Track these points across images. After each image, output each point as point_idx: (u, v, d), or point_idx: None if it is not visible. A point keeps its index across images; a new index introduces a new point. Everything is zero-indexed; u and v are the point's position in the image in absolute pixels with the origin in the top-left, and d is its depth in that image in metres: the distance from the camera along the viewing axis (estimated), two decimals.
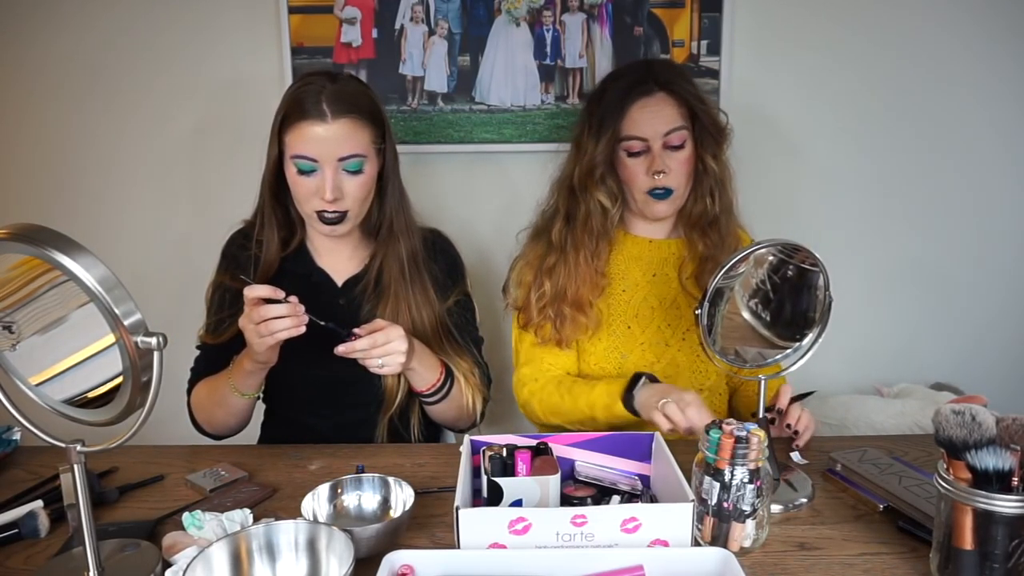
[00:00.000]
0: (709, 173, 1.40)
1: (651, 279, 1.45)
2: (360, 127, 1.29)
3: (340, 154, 1.27)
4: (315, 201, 1.29)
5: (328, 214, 1.30)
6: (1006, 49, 1.85)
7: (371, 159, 1.32)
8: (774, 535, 1.03)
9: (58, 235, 0.79)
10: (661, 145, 1.36)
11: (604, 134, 1.38)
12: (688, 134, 1.37)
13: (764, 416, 1.16)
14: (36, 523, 1.06)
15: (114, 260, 0.83)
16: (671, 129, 1.35)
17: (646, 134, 1.36)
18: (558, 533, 0.92)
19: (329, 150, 1.26)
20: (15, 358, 0.87)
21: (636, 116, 1.36)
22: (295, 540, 0.92)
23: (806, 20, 1.84)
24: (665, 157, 1.36)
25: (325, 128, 1.26)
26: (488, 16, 1.83)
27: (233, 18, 1.86)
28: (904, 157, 1.91)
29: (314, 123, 1.26)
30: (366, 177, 1.32)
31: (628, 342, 1.43)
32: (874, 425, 1.73)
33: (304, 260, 1.42)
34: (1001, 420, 0.86)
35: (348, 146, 1.27)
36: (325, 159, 1.27)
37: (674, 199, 1.39)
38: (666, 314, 1.43)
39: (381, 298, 1.39)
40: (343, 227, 1.33)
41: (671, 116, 1.36)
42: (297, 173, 1.29)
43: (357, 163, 1.29)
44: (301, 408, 1.44)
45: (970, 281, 1.97)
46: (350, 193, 1.30)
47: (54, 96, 1.92)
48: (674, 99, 1.36)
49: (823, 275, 1.11)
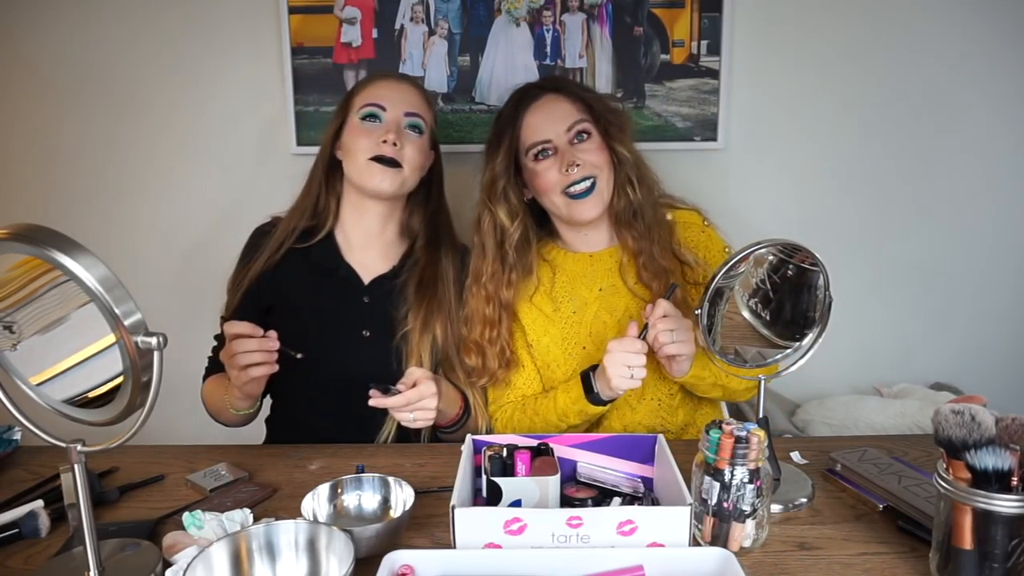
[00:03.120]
0: (623, 162, 1.36)
1: (599, 293, 1.41)
2: (424, 100, 1.41)
3: (407, 108, 1.37)
4: (373, 147, 1.33)
5: (386, 159, 1.33)
6: (1007, 50, 1.85)
7: (428, 134, 1.40)
8: (774, 535, 1.03)
9: (58, 235, 0.79)
10: (567, 141, 1.34)
11: (502, 145, 1.37)
12: (591, 125, 1.36)
13: (764, 416, 1.16)
14: (37, 523, 1.06)
15: (114, 260, 0.83)
16: (571, 123, 1.34)
17: (548, 135, 1.34)
18: (554, 534, 0.92)
19: (398, 100, 1.37)
20: (16, 358, 0.87)
21: (532, 121, 1.36)
22: (295, 540, 0.92)
23: (806, 20, 1.84)
24: (575, 151, 1.33)
25: (397, 83, 1.40)
26: (488, 16, 1.83)
27: (233, 18, 1.86)
28: (904, 157, 1.91)
29: (387, 80, 1.41)
30: (423, 144, 1.39)
31: (586, 362, 1.37)
32: (874, 425, 1.73)
33: (331, 254, 1.42)
34: (1000, 420, 0.86)
35: (414, 103, 1.38)
36: (392, 107, 1.36)
37: (597, 194, 1.34)
38: (619, 325, 1.39)
39: (419, 303, 1.38)
40: (394, 179, 1.35)
41: (567, 111, 1.35)
42: (360, 121, 1.36)
43: (419, 123, 1.37)
44: (307, 407, 1.43)
45: (970, 281, 1.97)
46: (407, 151, 1.34)
47: (53, 96, 1.92)
48: (565, 96, 1.37)
49: (823, 275, 1.11)
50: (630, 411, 1.40)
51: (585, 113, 1.36)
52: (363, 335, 1.39)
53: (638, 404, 1.40)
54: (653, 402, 1.40)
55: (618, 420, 1.41)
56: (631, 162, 1.37)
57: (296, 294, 1.40)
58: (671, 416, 1.41)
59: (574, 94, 1.38)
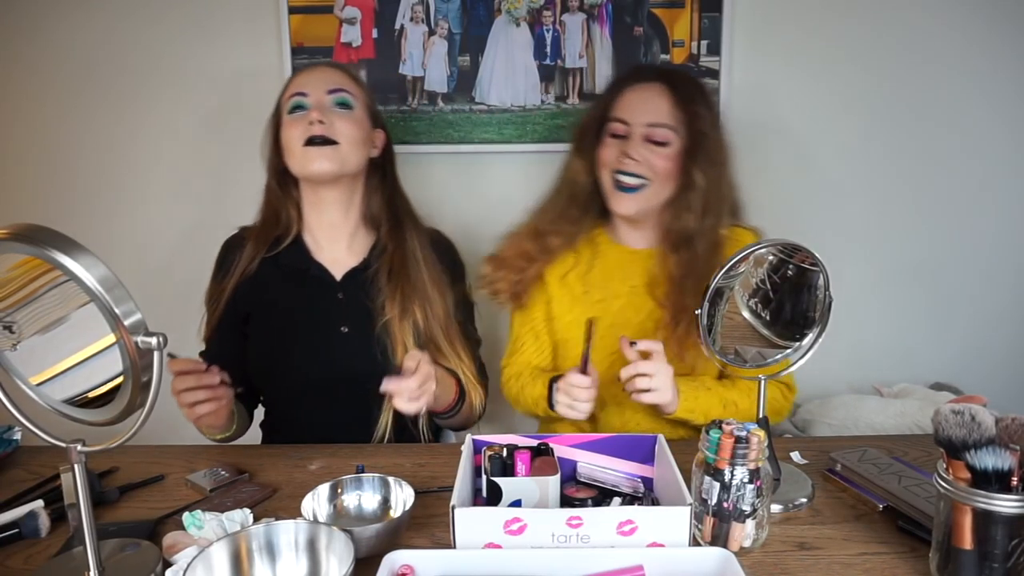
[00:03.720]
0: (692, 187, 1.31)
1: (629, 289, 1.41)
2: (348, 76, 1.39)
3: (328, 86, 1.34)
4: (304, 132, 1.31)
5: (317, 138, 1.31)
6: (1007, 50, 1.85)
7: (360, 108, 1.37)
8: (774, 535, 1.03)
9: (58, 235, 0.79)
10: (641, 135, 1.32)
11: (598, 107, 1.39)
12: (675, 136, 1.32)
13: (764, 416, 1.15)
14: (37, 523, 1.06)
15: (114, 260, 0.83)
16: (655, 122, 1.31)
17: (628, 118, 1.33)
18: (553, 534, 0.92)
19: (317, 81, 1.35)
20: (16, 358, 0.87)
21: (626, 98, 1.35)
22: (295, 540, 0.92)
23: (806, 20, 1.84)
24: (640, 147, 1.32)
25: (314, 69, 1.39)
26: (488, 16, 1.83)
27: (233, 18, 1.86)
28: (904, 158, 1.91)
29: (305, 69, 1.41)
30: (356, 117, 1.35)
31: (601, 351, 1.36)
32: (874, 425, 1.73)
33: (300, 255, 1.41)
34: (1000, 420, 0.86)
35: (335, 80, 1.35)
36: (314, 90, 1.34)
37: (641, 197, 1.34)
38: (641, 327, 1.39)
39: (392, 290, 1.37)
40: (330, 159, 1.32)
41: (660, 108, 1.32)
42: (289, 116, 1.34)
43: (345, 98, 1.35)
44: (298, 408, 1.44)
45: (970, 281, 1.97)
46: (339, 127, 1.33)
47: (54, 96, 1.92)
48: (670, 95, 1.32)
49: (823, 275, 1.11)
50: (630, 408, 1.40)
51: (677, 122, 1.32)
52: (341, 331, 1.38)
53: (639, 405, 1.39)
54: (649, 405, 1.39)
55: (618, 418, 1.41)
56: (701, 190, 1.31)
57: (272, 300, 1.40)
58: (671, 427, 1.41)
59: (682, 98, 1.32)
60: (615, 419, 1.41)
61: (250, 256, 1.40)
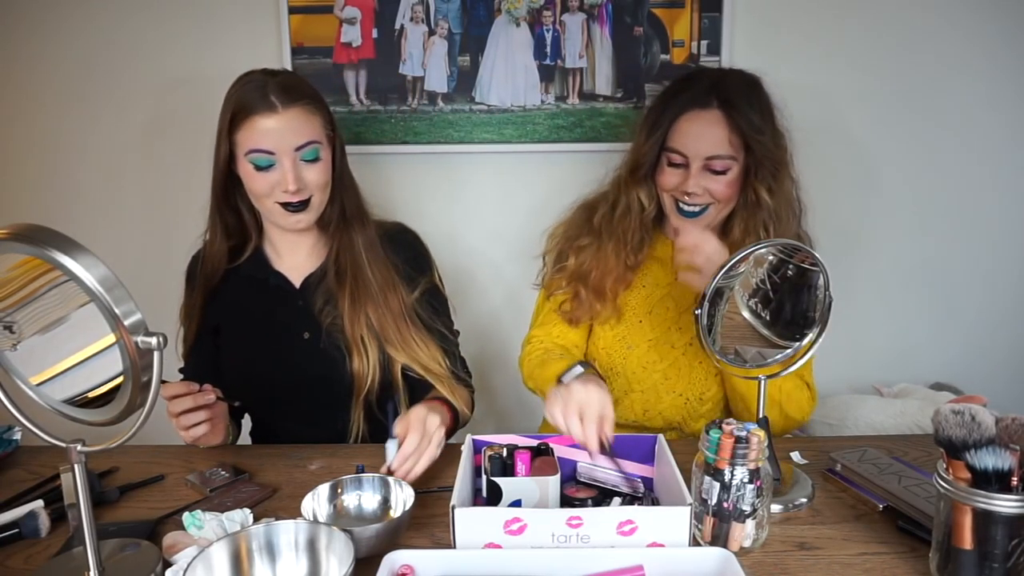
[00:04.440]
0: (762, 207, 1.30)
1: (672, 281, 1.42)
2: (311, 114, 1.28)
3: (296, 143, 1.26)
4: (277, 194, 1.28)
5: (292, 204, 1.28)
6: (1010, 49, 1.85)
7: (325, 146, 1.31)
8: (774, 535, 1.03)
9: (58, 235, 0.79)
10: (700, 166, 1.28)
11: (653, 136, 1.32)
12: (734, 163, 1.29)
13: (764, 416, 1.16)
14: (37, 523, 1.06)
15: (114, 260, 0.83)
16: (714, 155, 1.28)
17: (688, 151, 1.29)
18: (553, 534, 0.92)
19: (285, 140, 1.25)
20: (16, 358, 0.87)
21: (683, 128, 1.30)
22: (295, 540, 0.92)
23: (806, 20, 1.84)
24: (702, 179, 1.29)
25: (277, 119, 1.25)
26: (488, 16, 1.83)
27: (233, 18, 1.86)
28: (904, 157, 1.91)
29: (265, 116, 1.25)
30: (323, 164, 1.30)
31: (637, 335, 1.42)
32: (874, 425, 1.73)
33: (261, 264, 1.41)
34: (1000, 420, 0.86)
35: (303, 134, 1.26)
36: (282, 150, 1.25)
37: (702, 220, 1.33)
38: (679, 318, 1.41)
39: (341, 291, 1.36)
40: (308, 216, 1.31)
41: (718, 140, 1.27)
42: (254, 170, 1.27)
43: (314, 151, 1.28)
44: (275, 414, 1.45)
45: (970, 281, 1.97)
46: (311, 181, 1.29)
47: (54, 96, 1.92)
48: (728, 122, 1.27)
49: (823, 275, 1.11)
50: (655, 398, 1.41)
51: (736, 149, 1.28)
52: (303, 337, 1.38)
53: (665, 393, 1.41)
54: (680, 398, 1.41)
55: (640, 403, 1.42)
56: (771, 209, 1.30)
57: (237, 310, 1.40)
58: (691, 419, 1.43)
59: (740, 120, 1.27)
60: (638, 403, 1.43)
61: (212, 269, 1.39)
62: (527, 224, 1.88)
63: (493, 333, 1.97)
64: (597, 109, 1.87)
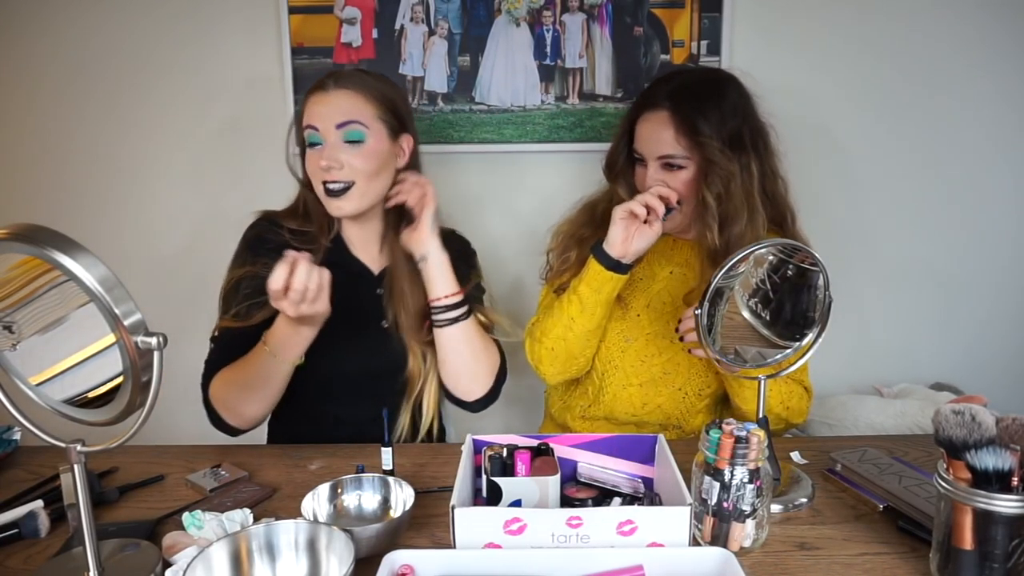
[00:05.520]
0: (708, 208, 1.30)
1: (669, 275, 1.44)
2: (359, 99, 1.30)
3: (337, 120, 1.28)
4: (320, 174, 1.30)
5: (330, 184, 1.29)
6: (1006, 50, 1.85)
7: (375, 133, 1.31)
8: (774, 535, 1.03)
9: (58, 235, 0.79)
10: (658, 166, 1.33)
11: (622, 137, 1.40)
12: (690, 162, 1.31)
13: (764, 416, 1.16)
14: (36, 523, 1.06)
15: (113, 260, 0.83)
16: (664, 155, 1.32)
17: (643, 151, 1.35)
18: (553, 534, 0.92)
19: (327, 114, 1.29)
20: (15, 358, 0.87)
21: (639, 129, 1.35)
22: (295, 540, 0.92)
23: (806, 20, 1.84)
24: (659, 176, 1.33)
25: (324, 96, 1.30)
26: (488, 16, 1.83)
27: (233, 18, 1.86)
28: (904, 157, 1.91)
29: (317, 94, 1.31)
30: (369, 149, 1.30)
31: (635, 329, 1.42)
32: (874, 425, 1.73)
33: (340, 251, 1.42)
34: (1001, 420, 0.86)
35: (344, 112, 1.29)
36: (325, 126, 1.29)
37: (671, 219, 1.34)
38: (677, 312, 1.41)
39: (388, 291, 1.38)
40: (349, 202, 1.31)
41: (665, 140, 1.31)
42: (308, 148, 1.32)
43: (356, 132, 1.29)
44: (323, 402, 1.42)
45: (970, 281, 1.97)
46: (351, 164, 1.29)
47: (52, 96, 1.92)
48: (674, 122, 1.30)
49: (823, 275, 1.11)
50: (654, 391, 1.42)
51: (686, 148, 1.30)
52: (382, 326, 1.39)
53: (663, 387, 1.42)
54: (678, 392, 1.42)
55: (639, 397, 1.43)
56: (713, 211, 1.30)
57: None
58: (690, 414, 1.43)
59: (686, 123, 1.29)
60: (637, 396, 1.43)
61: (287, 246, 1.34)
62: (527, 224, 1.89)
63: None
64: (597, 109, 1.87)
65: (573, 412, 1.49)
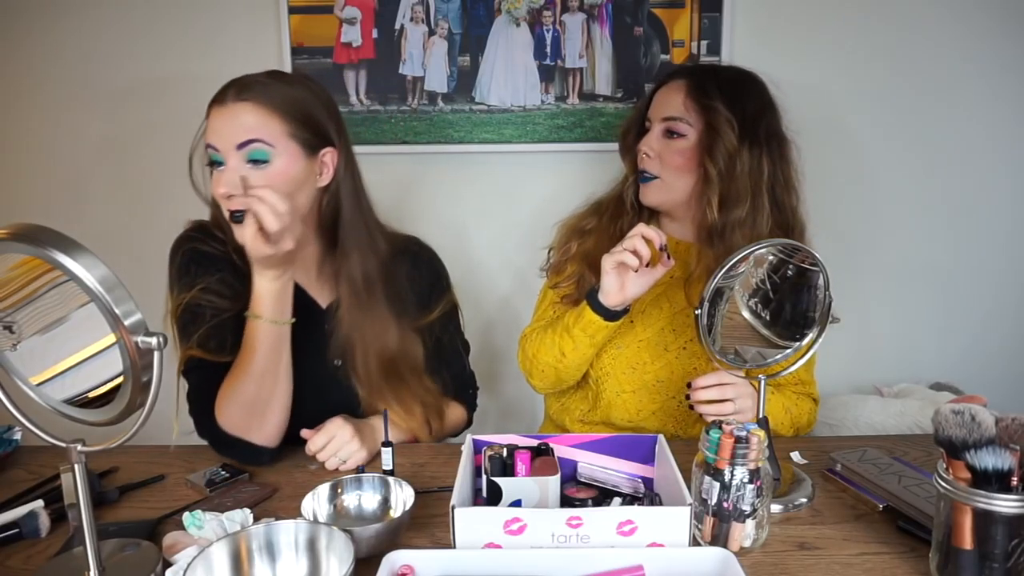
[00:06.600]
0: (710, 182, 1.30)
1: (667, 280, 1.40)
2: (263, 113, 1.15)
3: (237, 139, 1.13)
4: (222, 200, 1.14)
5: (234, 213, 1.13)
6: (1010, 48, 1.85)
7: (284, 152, 1.15)
8: (774, 535, 1.03)
9: (58, 235, 0.79)
10: (661, 130, 1.35)
11: (637, 110, 1.44)
12: (690, 128, 1.32)
13: (764, 416, 1.16)
14: (37, 523, 1.06)
15: (114, 260, 0.83)
16: (667, 116, 1.34)
17: (651, 114, 1.37)
18: (553, 534, 0.92)
19: (227, 132, 1.14)
20: (16, 358, 0.87)
21: (657, 98, 1.38)
22: (295, 540, 0.92)
23: (806, 19, 1.84)
24: (655, 141, 1.35)
25: (222, 110, 1.15)
26: (488, 16, 1.83)
27: (233, 18, 1.86)
28: (906, 158, 1.91)
29: (215, 107, 1.16)
30: (275, 171, 1.14)
31: (627, 336, 1.40)
32: (874, 425, 1.73)
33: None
34: (1001, 420, 0.86)
35: (246, 129, 1.13)
36: (224, 145, 1.14)
37: (658, 188, 1.35)
38: (673, 319, 1.40)
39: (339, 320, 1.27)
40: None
41: (672, 105, 1.34)
42: (211, 166, 1.17)
43: (260, 151, 1.13)
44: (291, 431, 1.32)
45: (970, 281, 1.97)
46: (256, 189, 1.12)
47: (53, 96, 1.93)
48: (686, 87, 1.33)
49: (823, 275, 1.11)
50: (648, 398, 1.40)
51: (693, 114, 1.32)
52: (335, 365, 1.31)
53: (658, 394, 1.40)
54: (673, 401, 1.40)
55: (634, 403, 1.41)
56: (715, 183, 1.29)
57: None
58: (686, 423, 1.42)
59: (698, 90, 1.32)
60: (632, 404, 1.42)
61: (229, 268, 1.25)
62: (527, 224, 1.89)
63: (492, 334, 1.97)
64: (597, 109, 1.87)
65: (572, 416, 1.48)
